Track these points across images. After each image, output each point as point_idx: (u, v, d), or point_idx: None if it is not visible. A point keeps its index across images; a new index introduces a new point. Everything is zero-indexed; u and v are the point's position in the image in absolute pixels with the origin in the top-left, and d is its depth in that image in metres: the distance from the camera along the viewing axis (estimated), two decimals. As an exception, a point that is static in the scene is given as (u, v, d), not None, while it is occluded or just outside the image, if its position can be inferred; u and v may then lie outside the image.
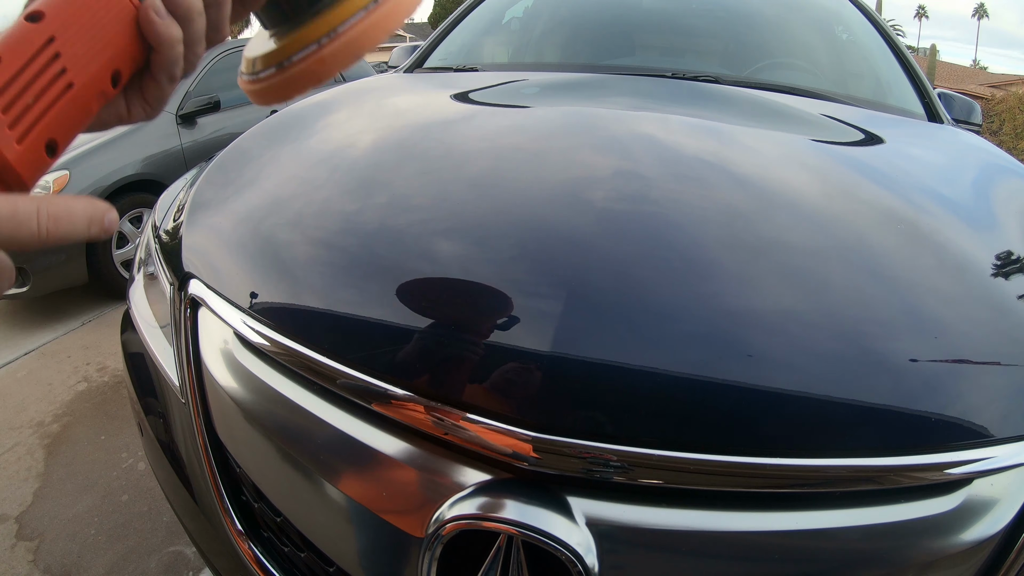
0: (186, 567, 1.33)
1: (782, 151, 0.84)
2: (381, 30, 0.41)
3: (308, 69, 0.40)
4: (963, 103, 1.54)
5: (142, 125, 3.41)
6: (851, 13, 1.67)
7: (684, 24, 1.60)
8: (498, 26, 1.76)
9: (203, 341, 0.66)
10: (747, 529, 0.43)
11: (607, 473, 0.44)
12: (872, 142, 0.97)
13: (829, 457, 0.44)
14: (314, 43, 0.40)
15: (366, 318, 0.54)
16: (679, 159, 0.76)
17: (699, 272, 0.53)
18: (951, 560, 0.45)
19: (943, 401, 0.47)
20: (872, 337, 0.49)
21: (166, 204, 0.98)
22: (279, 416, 0.56)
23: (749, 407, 0.44)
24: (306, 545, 0.57)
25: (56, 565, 1.35)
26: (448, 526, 0.43)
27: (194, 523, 0.69)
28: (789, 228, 0.61)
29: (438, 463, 0.47)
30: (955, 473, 0.45)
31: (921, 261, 0.60)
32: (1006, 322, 0.55)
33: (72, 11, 0.29)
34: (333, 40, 0.40)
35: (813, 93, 1.26)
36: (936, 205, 0.73)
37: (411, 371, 0.49)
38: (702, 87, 1.17)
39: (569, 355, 0.45)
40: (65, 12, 0.29)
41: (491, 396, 0.46)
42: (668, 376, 0.45)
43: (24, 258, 2.73)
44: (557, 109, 0.99)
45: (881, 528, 0.44)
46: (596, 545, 0.42)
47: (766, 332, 0.48)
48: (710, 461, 0.43)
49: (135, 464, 1.70)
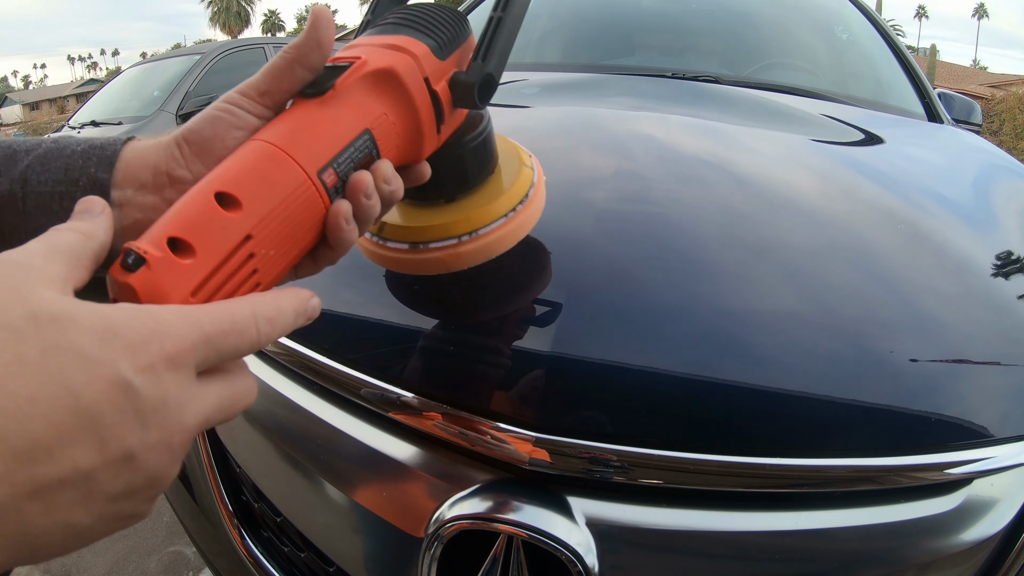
0: (186, 567, 1.33)
1: (782, 151, 0.84)
2: (514, 237, 0.43)
3: (441, 259, 0.42)
4: (963, 103, 1.54)
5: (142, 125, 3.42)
6: (851, 13, 1.67)
7: (684, 24, 1.59)
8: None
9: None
10: (747, 529, 0.43)
11: (607, 473, 0.44)
12: (872, 142, 0.97)
13: (829, 457, 0.44)
14: (454, 238, 0.41)
15: (365, 318, 0.54)
16: (679, 159, 0.76)
17: (699, 272, 0.53)
18: (951, 560, 0.45)
19: (943, 401, 0.47)
20: (872, 337, 0.49)
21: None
22: (279, 416, 0.56)
23: (749, 407, 0.44)
24: (306, 545, 0.57)
25: (56, 565, 1.35)
26: (448, 526, 0.43)
27: (194, 523, 0.69)
28: (789, 228, 0.61)
29: (438, 463, 0.47)
30: (955, 473, 0.45)
31: (921, 261, 0.60)
32: (1006, 322, 0.55)
33: (268, 206, 0.27)
34: (472, 240, 0.41)
35: (813, 93, 1.26)
36: (936, 205, 0.74)
37: (410, 371, 0.49)
38: (702, 87, 1.17)
39: (569, 355, 0.45)
40: (261, 205, 0.26)
41: (491, 396, 0.46)
42: (668, 376, 0.45)
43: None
44: (557, 109, 0.99)
45: (881, 528, 0.44)
46: (596, 545, 0.42)
47: (766, 332, 0.48)
48: (710, 461, 0.43)
49: (135, 464, 1.70)
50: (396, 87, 0.32)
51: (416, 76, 0.33)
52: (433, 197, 0.42)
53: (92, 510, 0.19)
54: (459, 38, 0.37)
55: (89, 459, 0.19)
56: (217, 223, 0.25)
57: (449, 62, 0.35)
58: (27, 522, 0.18)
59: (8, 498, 0.17)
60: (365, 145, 0.31)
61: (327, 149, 0.29)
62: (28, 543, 0.18)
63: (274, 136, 0.29)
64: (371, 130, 0.31)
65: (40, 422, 0.18)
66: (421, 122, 0.34)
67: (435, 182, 0.40)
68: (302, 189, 0.28)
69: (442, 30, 0.36)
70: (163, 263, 0.23)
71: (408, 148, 0.35)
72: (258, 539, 0.61)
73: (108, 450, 0.19)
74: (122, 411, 0.19)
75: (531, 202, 0.44)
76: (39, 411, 0.18)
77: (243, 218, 0.26)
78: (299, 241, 0.29)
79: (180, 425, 0.21)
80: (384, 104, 0.32)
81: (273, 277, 0.28)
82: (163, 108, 3.49)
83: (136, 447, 0.20)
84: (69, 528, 0.19)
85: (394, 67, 0.32)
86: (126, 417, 0.19)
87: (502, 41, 0.37)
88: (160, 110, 3.48)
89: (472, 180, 0.43)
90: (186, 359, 0.21)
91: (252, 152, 0.28)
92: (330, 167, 0.29)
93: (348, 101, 0.31)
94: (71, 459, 0.18)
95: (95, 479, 0.19)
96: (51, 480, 0.18)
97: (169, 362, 0.21)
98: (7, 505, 0.17)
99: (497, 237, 0.42)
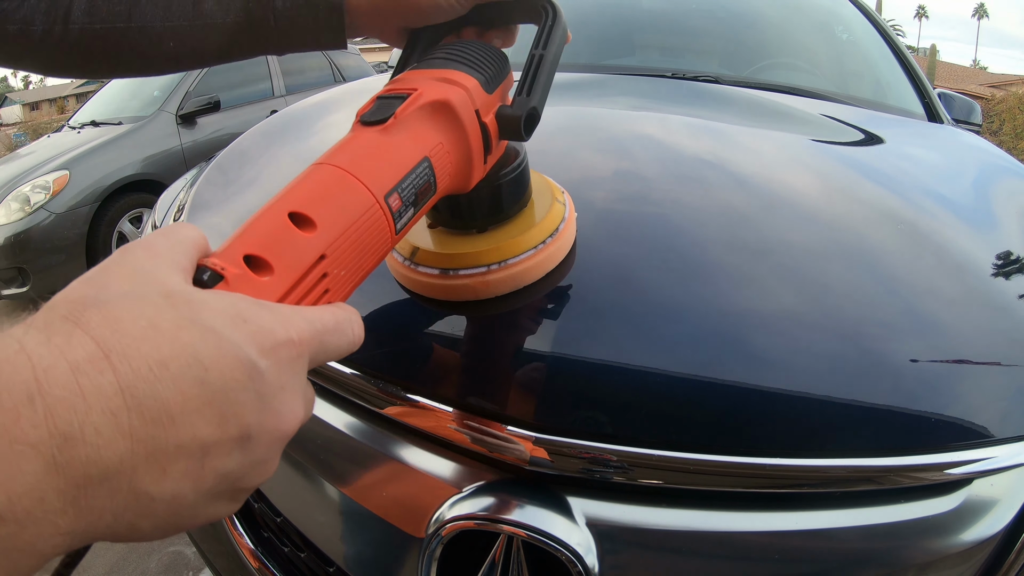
0: (186, 567, 1.33)
1: (782, 151, 0.84)
2: (542, 269, 0.45)
3: (470, 286, 0.43)
4: (963, 103, 1.54)
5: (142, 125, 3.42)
6: (851, 13, 1.67)
7: (684, 24, 1.59)
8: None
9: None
10: (747, 529, 0.43)
11: (607, 473, 0.44)
12: (872, 142, 0.97)
13: (829, 457, 0.44)
14: (483, 267, 0.42)
15: (365, 318, 0.54)
16: (679, 159, 0.76)
17: (699, 272, 0.53)
18: (951, 560, 0.45)
19: (943, 401, 0.47)
20: (872, 337, 0.49)
21: (166, 204, 0.98)
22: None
23: (749, 407, 0.44)
24: (306, 545, 0.57)
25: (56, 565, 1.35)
26: (448, 526, 0.43)
27: (194, 523, 0.68)
28: (789, 228, 0.61)
29: (438, 463, 0.47)
30: (955, 473, 0.45)
31: (921, 261, 0.60)
32: (1006, 322, 0.55)
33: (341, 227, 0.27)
34: (501, 269, 0.43)
35: (813, 93, 1.26)
36: (936, 205, 0.74)
37: (410, 371, 0.49)
38: (702, 87, 1.17)
39: (569, 355, 0.45)
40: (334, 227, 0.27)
41: (491, 396, 0.46)
42: (668, 376, 0.45)
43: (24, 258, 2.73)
44: (557, 109, 0.99)
45: (881, 528, 0.44)
46: (596, 545, 0.42)
47: (766, 332, 0.48)
48: (710, 461, 0.43)
49: (135, 464, 1.70)
50: (451, 118, 0.34)
51: (468, 108, 0.35)
52: (467, 226, 0.44)
53: (200, 486, 0.20)
54: (503, 73, 0.39)
55: (209, 431, 0.19)
56: (293, 242, 0.25)
57: (495, 96, 0.37)
58: (139, 485, 0.18)
59: (128, 455, 0.17)
60: (424, 172, 0.32)
61: (392, 175, 0.30)
62: (135, 509, 0.18)
63: (342, 161, 0.29)
64: (430, 158, 0.33)
65: (168, 387, 0.18)
66: (472, 152, 0.36)
67: (470, 211, 0.42)
68: (371, 212, 0.29)
69: (488, 66, 0.38)
70: (241, 280, 0.23)
71: (459, 177, 0.37)
72: (258, 539, 0.61)
73: (227, 426, 0.20)
74: (246, 390, 0.20)
75: (560, 236, 0.46)
76: (168, 376, 0.18)
77: (318, 238, 0.26)
78: (366, 263, 0.29)
79: (294, 413, 0.22)
80: (440, 133, 0.34)
81: (342, 297, 0.28)
82: (163, 108, 3.49)
83: (253, 427, 0.20)
84: (175, 502, 0.19)
85: (449, 99, 0.34)
86: (249, 396, 0.20)
87: (544, 77, 0.38)
88: (160, 110, 3.48)
89: (505, 212, 0.44)
90: (304, 350, 0.22)
91: (323, 174, 0.29)
92: (395, 192, 0.30)
93: (408, 130, 0.32)
94: (192, 428, 0.19)
95: (210, 453, 0.19)
96: (170, 445, 0.18)
97: (291, 349, 0.22)
98: (126, 462, 0.17)
99: (525, 268, 0.44)
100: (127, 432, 0.17)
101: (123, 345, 0.18)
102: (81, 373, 0.17)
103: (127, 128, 3.37)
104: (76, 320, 0.18)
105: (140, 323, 0.18)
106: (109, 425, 0.17)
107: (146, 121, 3.42)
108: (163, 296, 0.20)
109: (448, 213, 0.44)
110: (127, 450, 0.17)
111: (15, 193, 2.83)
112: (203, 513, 0.21)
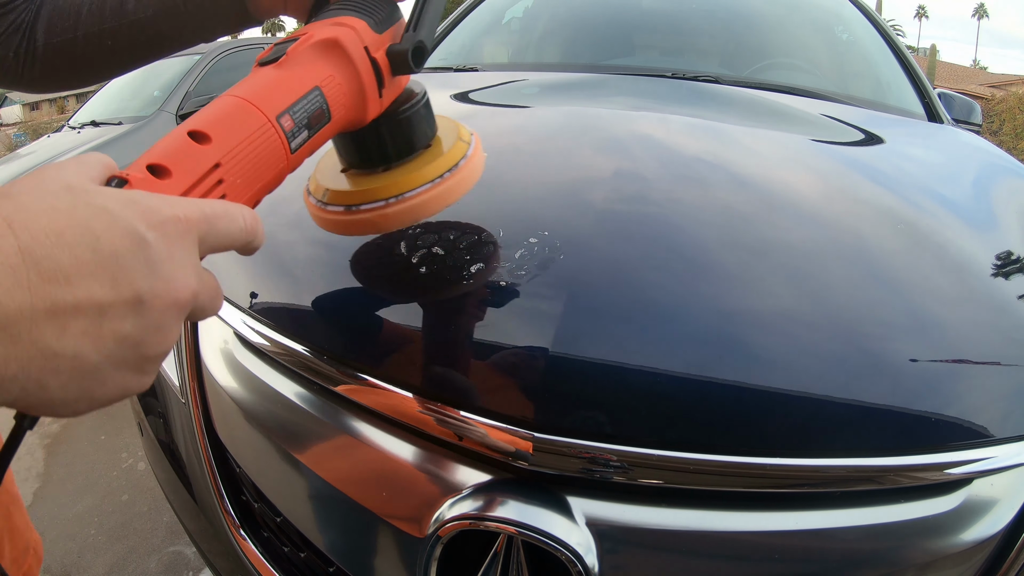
0: (186, 567, 1.33)
1: (782, 151, 0.84)
2: (441, 202, 0.47)
3: (371, 220, 0.46)
4: (963, 103, 1.54)
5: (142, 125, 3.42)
6: (851, 13, 1.67)
7: (684, 24, 1.60)
8: (498, 26, 1.76)
9: (203, 341, 0.66)
10: (747, 529, 0.43)
11: (607, 473, 0.44)
12: (872, 142, 0.97)
13: (829, 457, 0.44)
14: (382, 200, 0.46)
15: (367, 320, 0.54)
16: (679, 159, 0.76)
17: (699, 272, 0.53)
18: (951, 560, 0.45)
19: (943, 401, 0.47)
20: (872, 337, 0.49)
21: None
22: (279, 416, 0.56)
23: (749, 407, 0.44)
24: (306, 545, 0.57)
25: (56, 565, 1.35)
26: (448, 526, 0.43)
27: (194, 523, 0.69)
28: (789, 228, 0.61)
29: (438, 463, 0.47)
30: (955, 473, 0.45)
31: (921, 261, 0.60)
32: (1006, 322, 0.55)
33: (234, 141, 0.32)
34: (398, 203, 0.46)
35: (813, 93, 1.26)
36: (936, 205, 0.74)
37: (411, 371, 0.49)
38: (702, 87, 1.17)
39: (569, 355, 0.45)
40: (228, 141, 0.31)
41: (491, 396, 0.46)
42: (668, 376, 0.45)
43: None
44: (557, 109, 0.99)
45: (881, 528, 0.44)
46: (596, 545, 0.42)
47: (766, 332, 0.48)
48: (710, 461, 0.43)
49: (135, 464, 1.70)
50: (340, 54, 0.39)
51: (356, 45, 0.39)
52: (373, 164, 0.47)
53: (101, 347, 0.22)
54: (393, 18, 0.43)
55: (103, 292, 0.22)
56: (190, 153, 0.30)
57: (386, 36, 0.42)
58: (40, 338, 0.20)
59: (28, 309, 0.20)
60: (316, 99, 0.37)
61: (284, 100, 0.35)
62: (39, 364, 0.20)
63: (239, 91, 0.34)
64: (320, 87, 0.37)
65: (63, 251, 0.21)
66: (364, 84, 0.40)
67: (375, 148, 0.46)
68: (263, 129, 0.33)
69: (378, 10, 0.42)
70: (143, 183, 0.27)
71: (355, 108, 0.41)
72: (258, 539, 0.61)
73: (120, 288, 0.22)
74: (135, 257, 0.22)
75: (459, 171, 0.48)
76: (63, 243, 0.21)
77: (213, 149, 0.31)
78: (263, 174, 0.34)
79: (184, 280, 0.24)
80: (331, 67, 0.38)
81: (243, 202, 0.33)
82: (163, 108, 3.49)
83: (145, 292, 0.23)
84: (77, 360, 0.21)
85: (338, 36, 0.39)
86: (138, 262, 0.23)
87: (430, 13, 0.43)
88: (160, 110, 3.48)
89: (407, 149, 0.47)
90: (191, 227, 0.25)
91: (221, 102, 0.34)
92: (287, 114, 0.35)
93: (300, 65, 0.37)
94: (87, 289, 0.21)
95: (107, 315, 0.22)
96: (67, 303, 0.21)
97: (177, 225, 0.24)
98: (25, 312, 0.20)
99: (422, 201, 0.46)
100: (25, 286, 0.20)
101: (24, 218, 0.21)
102: None
103: (127, 128, 3.37)
104: None
105: (41, 204, 0.21)
106: (8, 277, 0.19)
107: (146, 121, 3.42)
108: (65, 188, 0.23)
109: (356, 154, 0.47)
110: (26, 302, 0.20)
111: (15, 193, 2.83)
112: (111, 380, 0.23)
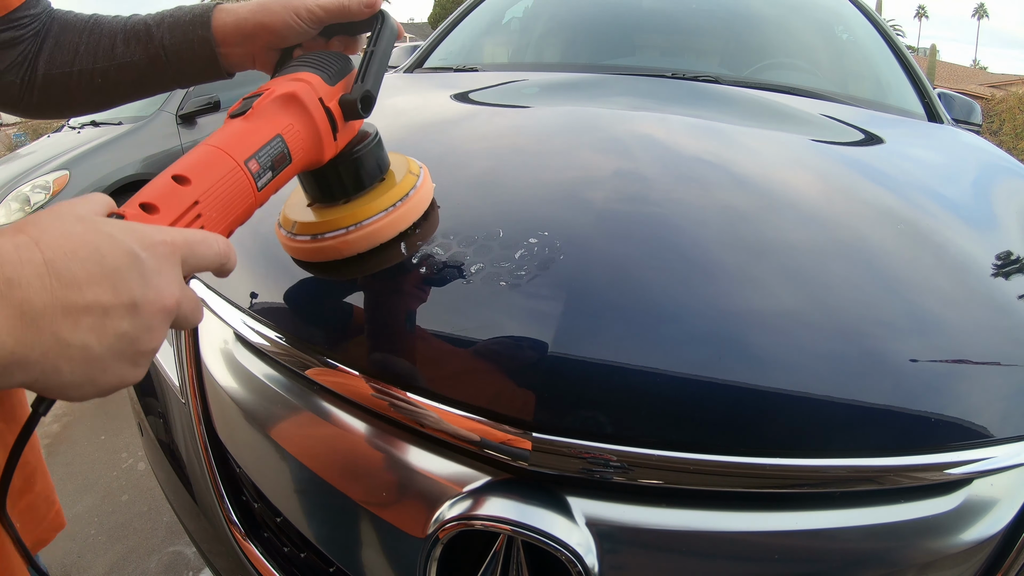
0: (186, 567, 1.33)
1: (782, 151, 0.84)
2: (394, 228, 0.55)
3: (334, 246, 0.53)
4: (963, 103, 1.54)
5: (142, 125, 3.42)
6: (851, 13, 1.67)
7: (684, 24, 1.60)
8: (498, 26, 1.76)
9: (203, 341, 0.66)
10: (747, 529, 0.43)
11: (607, 473, 0.44)
12: (872, 142, 0.97)
13: (829, 457, 0.44)
14: (343, 229, 0.53)
15: (367, 320, 0.54)
16: (679, 159, 0.76)
17: (699, 272, 0.53)
18: (951, 560, 0.45)
19: (943, 401, 0.47)
20: (872, 337, 0.49)
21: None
22: (279, 416, 0.56)
23: (749, 407, 0.44)
24: (306, 545, 0.57)
25: (56, 565, 1.35)
26: (448, 526, 0.43)
27: (194, 523, 0.68)
28: (789, 229, 0.61)
29: (438, 464, 0.47)
30: (955, 473, 0.45)
31: (921, 261, 0.60)
32: (1006, 322, 0.55)
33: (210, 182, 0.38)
34: (358, 230, 0.53)
35: (813, 93, 1.26)
36: (936, 205, 0.74)
37: (411, 371, 0.49)
38: (702, 87, 1.17)
39: (569, 355, 0.45)
40: (205, 182, 0.38)
41: (491, 396, 0.46)
42: (668, 376, 0.45)
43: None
44: (557, 109, 0.99)
45: (881, 528, 0.44)
46: (596, 545, 0.42)
47: (766, 332, 0.48)
48: (710, 461, 0.43)
49: (135, 464, 1.70)
50: (298, 105, 0.45)
51: (312, 97, 0.46)
52: (334, 198, 0.54)
53: (104, 341, 0.28)
54: (345, 71, 0.50)
55: (107, 297, 0.28)
56: (173, 192, 0.36)
57: (338, 87, 0.49)
58: (59, 331, 0.26)
59: (50, 307, 0.26)
60: (278, 145, 0.43)
61: (250, 147, 0.41)
62: (56, 351, 0.26)
63: (213, 141, 0.41)
64: (282, 135, 0.44)
65: (77, 265, 0.27)
66: (320, 131, 0.47)
67: (334, 184, 0.53)
68: (233, 172, 0.40)
69: (330, 65, 0.49)
70: (136, 217, 0.34)
71: (313, 151, 0.48)
72: (258, 539, 0.61)
73: (120, 294, 0.28)
74: (132, 270, 0.29)
75: (410, 200, 0.55)
76: (77, 259, 0.27)
77: (192, 189, 0.37)
78: (235, 208, 0.40)
79: (169, 291, 0.30)
80: (290, 117, 0.45)
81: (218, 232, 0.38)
82: (163, 108, 3.49)
83: (139, 298, 0.29)
84: (85, 350, 0.27)
85: (295, 91, 0.45)
86: (134, 274, 0.29)
87: (376, 66, 0.50)
88: (160, 110, 3.48)
89: (362, 183, 0.54)
90: (176, 249, 0.31)
91: (198, 150, 0.40)
92: (253, 158, 0.41)
93: (263, 117, 0.43)
94: (95, 294, 0.27)
95: (109, 314, 0.28)
96: (79, 304, 0.27)
97: (165, 247, 0.31)
98: (48, 311, 0.26)
99: (378, 227, 0.53)
100: (48, 289, 0.26)
101: (47, 239, 0.27)
102: (20, 249, 0.26)
103: (127, 128, 3.37)
104: (18, 229, 0.27)
105: (60, 229, 0.28)
106: (36, 282, 0.26)
107: (146, 121, 3.42)
108: (77, 218, 0.29)
109: (319, 190, 0.54)
110: (48, 301, 0.26)
111: (15, 193, 2.83)
112: (111, 369, 0.29)
